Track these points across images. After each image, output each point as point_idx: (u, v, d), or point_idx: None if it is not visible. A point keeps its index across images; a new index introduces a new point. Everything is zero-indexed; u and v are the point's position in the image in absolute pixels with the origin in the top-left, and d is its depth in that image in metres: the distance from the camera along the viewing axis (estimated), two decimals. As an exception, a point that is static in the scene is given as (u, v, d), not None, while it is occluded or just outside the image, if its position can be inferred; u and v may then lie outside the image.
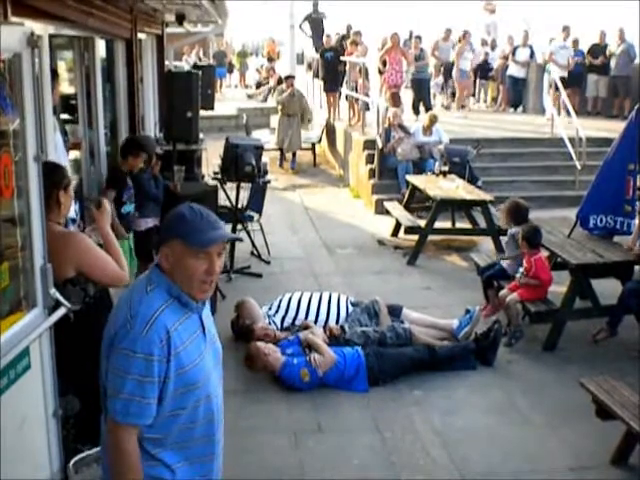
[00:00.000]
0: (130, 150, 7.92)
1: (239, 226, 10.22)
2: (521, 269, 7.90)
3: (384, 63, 17.90)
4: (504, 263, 8.50)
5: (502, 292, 8.09)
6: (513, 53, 20.77)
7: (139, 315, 2.84)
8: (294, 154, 18.00)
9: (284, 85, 18.01)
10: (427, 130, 14.07)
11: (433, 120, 14.25)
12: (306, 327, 7.55)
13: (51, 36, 5.71)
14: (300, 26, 22.44)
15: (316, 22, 21.71)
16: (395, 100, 15.33)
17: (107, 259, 4.69)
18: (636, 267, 8.19)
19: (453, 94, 22.34)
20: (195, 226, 2.95)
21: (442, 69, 22.46)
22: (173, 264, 2.96)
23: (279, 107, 17.75)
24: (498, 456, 5.78)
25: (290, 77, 18.41)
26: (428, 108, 18.02)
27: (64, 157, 6.52)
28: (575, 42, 20.34)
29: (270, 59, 31.07)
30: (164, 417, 2.91)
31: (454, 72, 20.85)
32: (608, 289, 8.15)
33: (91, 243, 4.77)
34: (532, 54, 20.64)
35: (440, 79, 22.70)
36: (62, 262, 4.44)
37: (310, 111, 18.07)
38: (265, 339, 7.32)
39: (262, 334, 7.40)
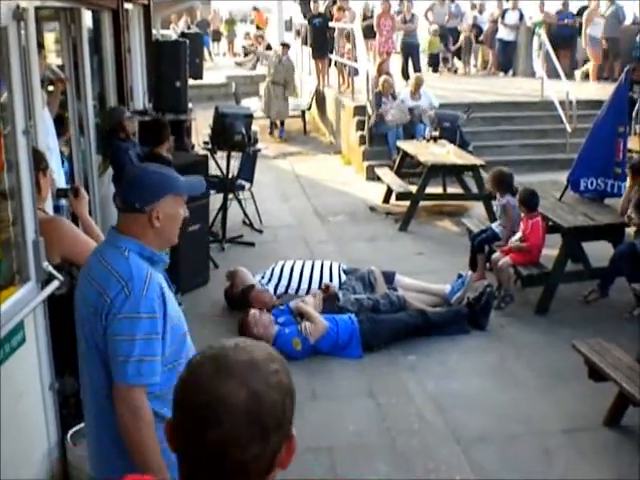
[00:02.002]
0: (168, 132, 7.97)
1: (230, 195, 10.20)
2: (518, 234, 7.93)
3: (372, 28, 17.85)
4: (496, 227, 8.52)
5: (494, 255, 8.13)
6: (502, 16, 20.67)
7: (134, 278, 2.85)
8: (282, 123, 17.89)
9: (280, 51, 17.80)
10: (414, 94, 14.05)
11: (419, 83, 14.23)
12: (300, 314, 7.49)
13: (37, 8, 5.64)
14: None
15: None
16: (382, 69, 15.21)
17: (91, 242, 4.63)
18: (627, 229, 8.22)
19: (445, 59, 22.27)
20: (175, 177, 3.07)
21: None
22: (163, 221, 2.99)
23: (268, 71, 17.50)
24: (492, 419, 5.83)
25: (285, 45, 18.21)
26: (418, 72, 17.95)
27: (52, 130, 6.47)
28: (564, 4, 20.26)
29: (258, 28, 30.87)
30: (166, 371, 2.93)
31: (583, 39, 19.33)
32: (599, 251, 8.19)
33: (74, 228, 4.70)
34: (521, 17, 20.55)
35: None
36: (48, 250, 4.35)
37: (294, 85, 17.89)
38: (261, 302, 7.43)
39: (259, 292, 7.52)
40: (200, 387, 1.56)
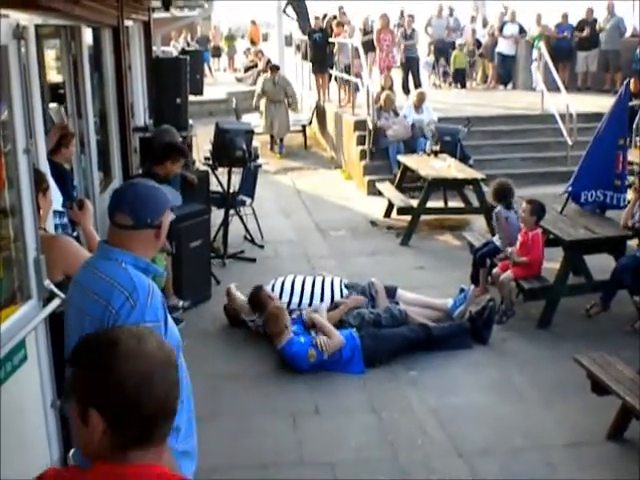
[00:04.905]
0: (170, 155, 7.85)
1: (231, 211, 10.21)
2: (509, 249, 7.92)
3: (372, 44, 17.92)
4: (497, 241, 8.52)
5: (495, 270, 8.12)
6: (501, 29, 20.68)
7: (138, 289, 2.87)
8: (281, 139, 17.90)
9: (268, 73, 17.82)
10: (418, 108, 14.09)
11: (422, 98, 14.29)
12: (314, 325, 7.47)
13: (37, 26, 5.67)
14: (284, 10, 22.31)
15: (300, 4, 21.62)
16: (387, 82, 15.32)
17: None
18: (629, 242, 8.22)
19: (445, 73, 22.31)
20: (165, 191, 3.18)
21: (433, 48, 22.42)
22: (163, 232, 3.10)
23: (263, 94, 17.49)
24: (495, 434, 5.81)
25: (275, 67, 18.20)
26: (418, 87, 17.99)
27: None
28: (564, 17, 20.32)
29: (253, 43, 30.99)
30: None
31: None
32: (601, 264, 8.18)
33: (76, 245, 4.71)
34: (521, 30, 20.58)
35: (431, 58, 22.65)
36: (50, 267, 4.35)
37: (295, 100, 17.90)
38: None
39: (270, 295, 7.54)
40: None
